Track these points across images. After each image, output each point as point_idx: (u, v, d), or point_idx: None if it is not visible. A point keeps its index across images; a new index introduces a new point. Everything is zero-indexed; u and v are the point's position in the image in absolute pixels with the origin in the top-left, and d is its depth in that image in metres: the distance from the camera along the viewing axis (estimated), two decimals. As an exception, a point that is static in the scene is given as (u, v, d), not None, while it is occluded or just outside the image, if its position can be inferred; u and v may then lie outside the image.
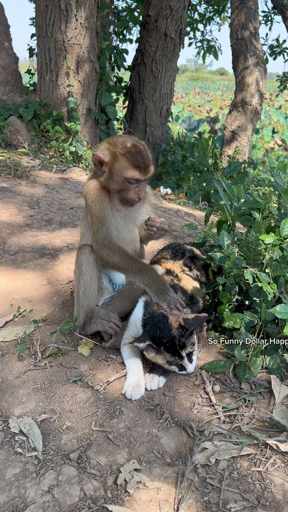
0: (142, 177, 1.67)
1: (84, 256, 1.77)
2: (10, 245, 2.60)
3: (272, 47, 8.33)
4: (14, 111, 4.82)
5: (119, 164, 1.65)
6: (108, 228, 1.71)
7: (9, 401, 1.50)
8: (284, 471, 1.28)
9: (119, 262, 1.68)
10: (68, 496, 1.19)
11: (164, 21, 5.93)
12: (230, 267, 1.64)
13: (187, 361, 1.54)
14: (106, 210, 1.73)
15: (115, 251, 1.68)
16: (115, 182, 1.68)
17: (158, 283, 1.62)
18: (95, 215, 1.71)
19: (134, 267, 1.66)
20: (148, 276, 1.63)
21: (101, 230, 1.70)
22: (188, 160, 6.54)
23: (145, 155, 1.66)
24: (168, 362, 1.55)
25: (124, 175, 1.65)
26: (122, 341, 1.76)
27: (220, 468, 1.28)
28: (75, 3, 4.72)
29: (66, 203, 3.42)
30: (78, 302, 1.79)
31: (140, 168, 1.65)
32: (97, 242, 1.72)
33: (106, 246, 1.69)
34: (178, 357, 1.53)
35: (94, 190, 1.73)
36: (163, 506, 1.17)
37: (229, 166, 2.03)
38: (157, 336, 1.53)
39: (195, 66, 68.97)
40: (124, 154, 1.64)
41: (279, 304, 1.51)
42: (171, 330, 1.53)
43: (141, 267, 1.65)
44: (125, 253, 1.69)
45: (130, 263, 1.66)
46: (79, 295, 1.78)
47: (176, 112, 17.39)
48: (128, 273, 1.70)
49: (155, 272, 1.65)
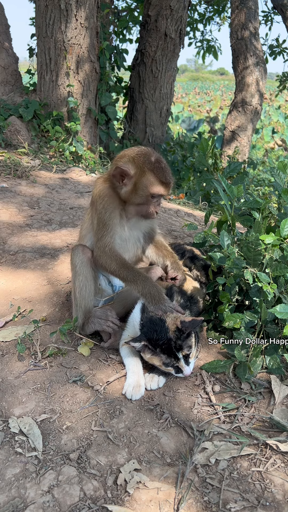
0: (166, 192, 1.68)
1: (78, 257, 1.78)
2: (10, 245, 2.60)
3: (272, 47, 8.33)
4: (14, 111, 4.82)
5: (145, 180, 1.64)
6: (113, 237, 1.71)
7: (9, 401, 1.50)
8: (284, 471, 1.28)
9: (115, 270, 1.69)
10: (68, 496, 1.19)
11: (164, 21, 5.93)
12: (230, 267, 1.64)
13: (184, 363, 1.53)
14: (115, 219, 1.72)
15: (112, 259, 1.69)
16: (138, 196, 1.67)
17: (153, 292, 1.63)
18: (103, 222, 1.70)
19: (130, 276, 1.66)
20: (143, 286, 1.64)
21: (104, 238, 1.70)
22: (188, 160, 6.54)
23: (169, 171, 1.68)
24: (165, 364, 1.55)
25: (150, 190, 1.65)
26: (120, 341, 1.76)
27: (220, 468, 1.28)
28: (75, 3, 4.72)
29: (66, 203, 3.42)
30: (75, 303, 1.80)
31: (166, 184, 1.66)
32: (98, 248, 1.72)
33: (106, 253, 1.70)
34: (174, 358, 1.53)
35: (107, 197, 1.72)
36: (163, 506, 1.17)
37: (229, 166, 2.03)
38: (154, 338, 1.53)
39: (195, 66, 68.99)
40: (152, 170, 1.64)
41: (279, 304, 1.51)
42: (167, 332, 1.53)
43: (136, 277, 1.65)
44: (122, 262, 1.69)
45: (126, 272, 1.67)
46: (76, 295, 1.78)
47: (176, 112, 17.40)
48: (124, 282, 1.72)
49: (150, 282, 1.65)
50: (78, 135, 5.10)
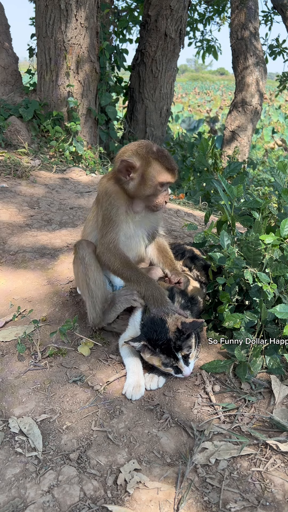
0: (174, 179, 1.68)
1: (84, 250, 1.76)
2: (10, 245, 2.60)
3: (272, 47, 8.33)
4: (14, 111, 4.82)
5: (152, 169, 1.64)
6: (118, 234, 1.71)
7: (9, 401, 1.50)
8: (284, 471, 1.28)
9: (118, 269, 1.69)
10: (68, 496, 1.19)
11: (164, 21, 5.93)
12: (230, 267, 1.64)
13: (183, 363, 1.53)
14: (121, 216, 1.72)
15: (116, 257, 1.68)
16: (147, 187, 1.66)
17: (156, 295, 1.62)
18: (109, 218, 1.70)
19: (133, 277, 1.66)
20: (146, 288, 1.64)
21: (109, 235, 1.69)
22: (188, 160, 6.54)
23: (172, 158, 1.68)
24: (164, 364, 1.55)
25: (159, 179, 1.65)
26: (120, 341, 1.76)
27: (220, 468, 1.28)
28: (75, 3, 4.72)
29: (66, 203, 3.42)
30: (90, 295, 1.76)
31: (173, 171, 1.66)
32: (102, 244, 1.71)
33: (109, 250, 1.69)
34: (173, 358, 1.53)
35: (114, 194, 1.71)
36: (163, 506, 1.17)
37: (229, 166, 2.03)
38: (153, 338, 1.54)
39: (195, 66, 68.97)
40: (157, 158, 1.64)
41: (279, 304, 1.51)
42: (167, 333, 1.53)
43: (139, 278, 1.65)
44: (126, 261, 1.69)
45: (129, 272, 1.67)
46: (91, 287, 1.75)
47: (176, 112, 17.39)
48: (127, 282, 1.71)
49: (153, 284, 1.65)
50: (78, 135, 5.10)
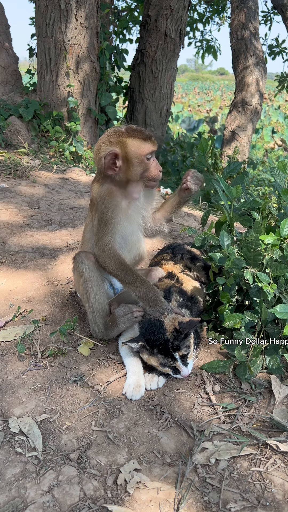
0: (155, 147, 1.69)
1: (83, 264, 1.76)
2: (10, 245, 2.60)
3: (271, 47, 8.33)
4: (14, 111, 4.82)
5: (131, 147, 1.65)
6: (113, 236, 1.71)
7: (9, 401, 1.50)
8: (284, 471, 1.28)
9: (114, 271, 1.70)
10: (68, 496, 1.19)
11: (164, 21, 5.93)
12: (230, 267, 1.64)
13: (181, 363, 1.53)
14: (117, 217, 1.72)
15: (112, 259, 1.69)
16: (136, 166, 1.66)
17: (150, 295, 1.63)
18: (105, 221, 1.70)
19: (128, 278, 1.67)
20: (140, 289, 1.64)
21: (105, 237, 1.70)
22: (188, 160, 6.54)
23: (143, 129, 1.69)
24: (162, 364, 1.55)
25: (141, 152, 1.65)
26: (120, 341, 1.76)
27: (220, 468, 1.28)
28: (75, 3, 4.72)
29: (66, 203, 3.42)
30: (91, 309, 1.77)
31: (150, 138, 1.67)
32: (98, 247, 1.72)
33: (105, 253, 1.70)
34: (171, 359, 1.53)
35: (107, 196, 1.70)
36: (163, 506, 1.17)
37: (229, 166, 2.03)
38: (151, 339, 1.54)
39: (195, 66, 68.99)
40: (130, 135, 1.65)
41: (279, 304, 1.51)
42: (165, 333, 1.53)
43: (134, 279, 1.66)
44: (121, 263, 1.69)
45: (124, 274, 1.68)
46: (91, 302, 1.76)
47: (176, 112, 17.38)
48: (122, 283, 1.72)
49: (147, 285, 1.65)
50: (78, 135, 5.10)
